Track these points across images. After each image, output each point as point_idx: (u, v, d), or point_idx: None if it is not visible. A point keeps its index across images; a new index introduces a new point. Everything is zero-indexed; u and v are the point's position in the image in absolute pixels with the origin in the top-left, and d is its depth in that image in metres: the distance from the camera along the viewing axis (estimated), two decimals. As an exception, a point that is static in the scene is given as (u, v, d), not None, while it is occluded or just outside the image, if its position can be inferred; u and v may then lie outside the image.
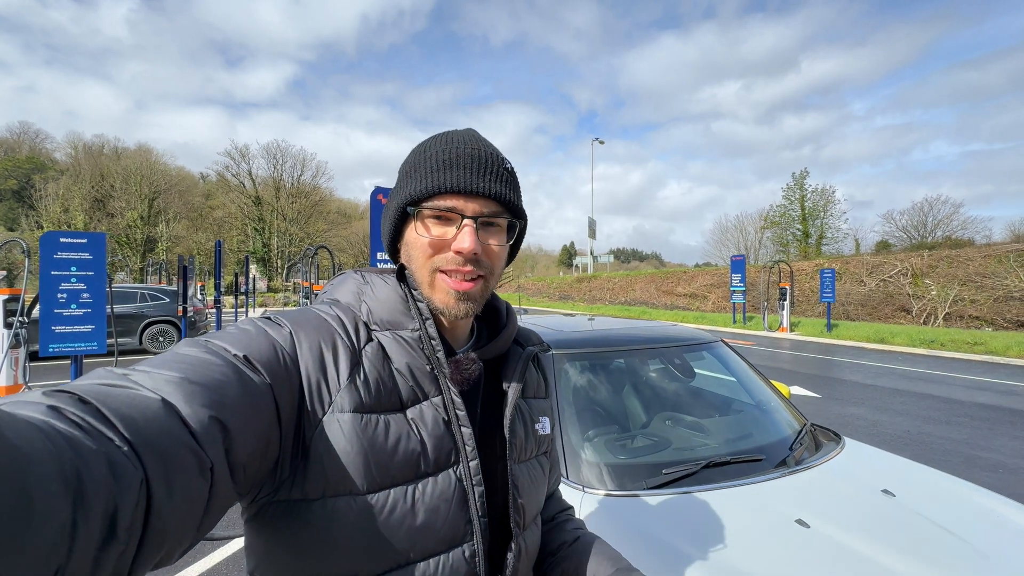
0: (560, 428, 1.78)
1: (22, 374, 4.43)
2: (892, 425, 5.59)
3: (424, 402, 0.62)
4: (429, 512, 0.59)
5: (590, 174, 42.55)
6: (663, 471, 1.66)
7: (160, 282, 24.92)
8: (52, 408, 0.35)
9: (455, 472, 0.62)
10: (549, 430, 0.79)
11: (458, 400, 0.63)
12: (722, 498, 1.52)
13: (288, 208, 47.75)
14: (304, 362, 0.56)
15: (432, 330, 0.64)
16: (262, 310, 27.93)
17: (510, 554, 0.66)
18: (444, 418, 0.62)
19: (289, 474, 0.54)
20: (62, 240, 3.66)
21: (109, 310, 4.18)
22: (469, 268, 0.63)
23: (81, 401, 0.38)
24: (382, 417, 0.58)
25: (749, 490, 1.57)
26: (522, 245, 0.76)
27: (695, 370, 2.43)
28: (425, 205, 0.64)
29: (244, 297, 23.23)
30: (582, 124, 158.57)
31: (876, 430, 5.39)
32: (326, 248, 8.44)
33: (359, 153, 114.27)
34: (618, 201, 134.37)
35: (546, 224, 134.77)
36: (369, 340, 0.63)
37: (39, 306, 3.81)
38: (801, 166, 59.51)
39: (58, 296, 3.70)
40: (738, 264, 17.96)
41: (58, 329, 3.72)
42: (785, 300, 15.56)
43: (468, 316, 0.66)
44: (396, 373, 0.62)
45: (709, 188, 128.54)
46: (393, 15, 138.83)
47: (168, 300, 11.34)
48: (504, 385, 0.72)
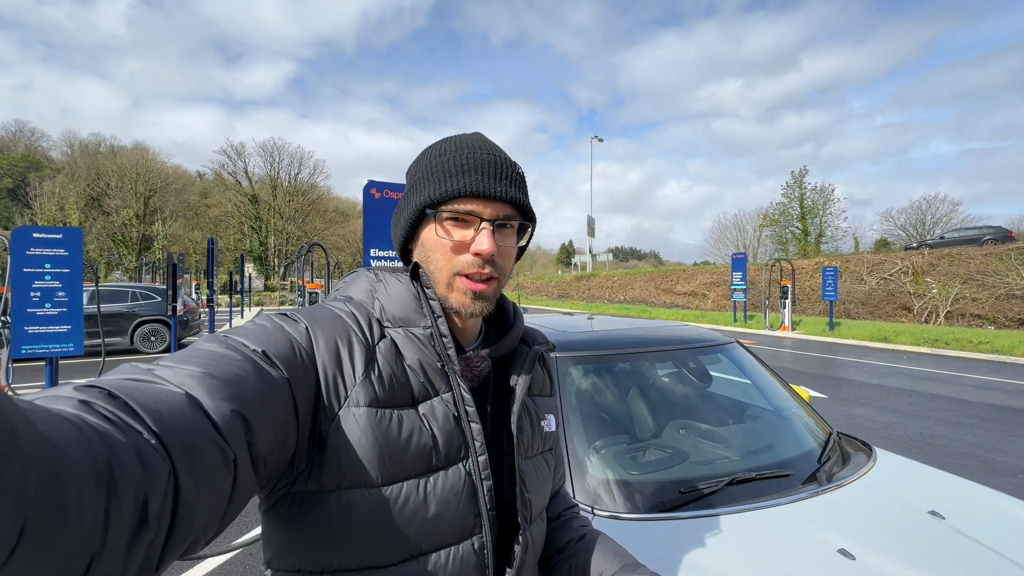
0: (564, 437, 1.61)
1: (5, 375, 4.24)
2: (903, 427, 5.42)
3: (435, 398, 0.63)
4: (441, 504, 0.60)
5: (589, 172, 42.36)
6: (681, 490, 1.48)
7: (155, 281, 24.63)
8: (83, 403, 0.36)
9: (465, 466, 0.63)
10: (554, 427, 0.81)
11: (468, 396, 0.64)
12: (751, 522, 1.34)
13: (285, 206, 47.39)
14: (321, 357, 0.57)
15: (444, 327, 0.65)
16: (258, 309, 27.76)
17: (518, 547, 0.67)
18: (454, 414, 0.63)
19: (306, 466, 0.55)
20: (35, 236, 3.46)
21: (96, 309, 4.02)
22: (487, 270, 0.65)
23: (110, 396, 0.38)
24: (395, 412, 0.60)
25: (780, 512, 1.39)
26: (528, 239, 0.77)
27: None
28: (444, 208, 0.65)
29: (240, 296, 23.02)
30: (582, 122, 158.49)
31: (887, 432, 5.22)
32: (320, 246, 8.25)
33: (358, 151, 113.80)
34: (618, 199, 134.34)
35: (545, 223, 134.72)
36: (382, 337, 0.64)
37: (10, 306, 3.62)
38: (801, 165, 59.35)
39: (31, 295, 3.50)
40: (739, 262, 17.79)
41: (31, 330, 3.52)
42: (787, 298, 15.42)
43: (482, 315, 0.68)
44: (408, 369, 0.63)
45: (709, 187, 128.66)
46: (393, 12, 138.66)
47: (160, 299, 11.10)
48: (512, 382, 0.73)
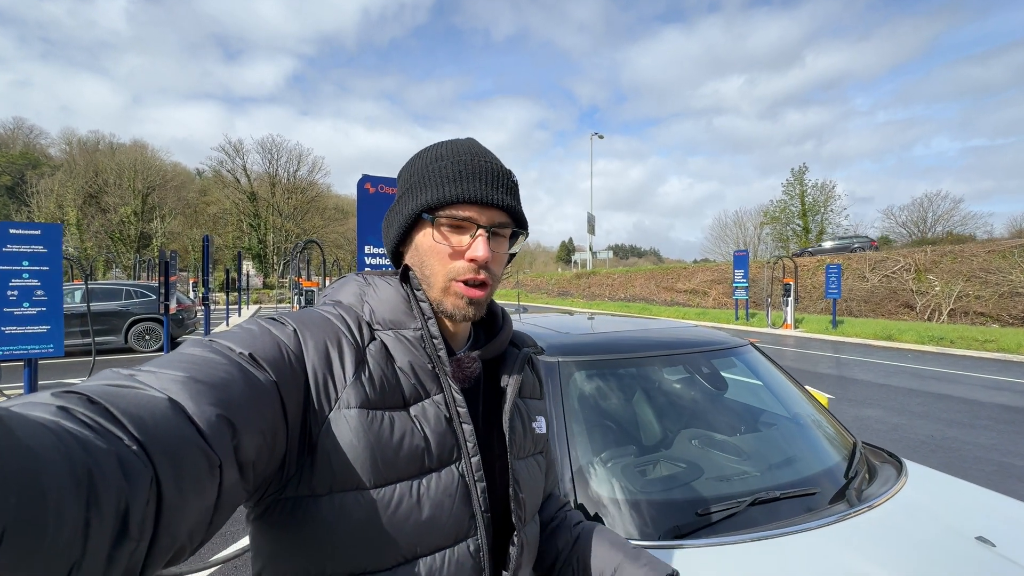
0: (568, 447, 1.47)
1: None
2: (914, 429, 5.28)
3: (426, 399, 0.63)
4: (434, 507, 0.59)
5: (589, 170, 42.15)
6: (697, 512, 1.33)
7: (154, 279, 24.45)
8: (62, 408, 0.36)
9: (458, 468, 0.62)
10: (545, 430, 0.81)
11: (459, 397, 0.64)
12: (777, 550, 1.19)
13: (284, 204, 47.16)
14: (310, 360, 0.57)
15: (434, 329, 0.65)
16: (256, 307, 27.60)
17: (512, 548, 0.67)
18: (446, 415, 0.63)
19: (296, 471, 0.54)
20: (12, 231, 3.30)
21: (86, 307, 3.89)
22: (482, 275, 0.65)
23: (90, 401, 0.38)
24: (387, 414, 0.59)
25: (809, 539, 1.24)
26: (520, 246, 0.77)
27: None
28: (441, 213, 0.65)
29: (238, 294, 22.87)
30: (583, 119, 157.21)
31: (898, 435, 5.08)
32: (316, 243, 8.09)
33: (358, 149, 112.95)
34: (618, 197, 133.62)
35: (545, 220, 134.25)
36: (372, 339, 0.63)
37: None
38: (803, 162, 59.14)
39: (8, 294, 3.34)
40: (741, 259, 17.62)
41: (8, 330, 3.36)
42: (789, 296, 15.26)
43: (474, 319, 0.68)
44: (399, 371, 0.62)
45: (710, 184, 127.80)
46: (394, 8, 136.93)
47: (155, 297, 10.96)
48: (502, 384, 0.73)
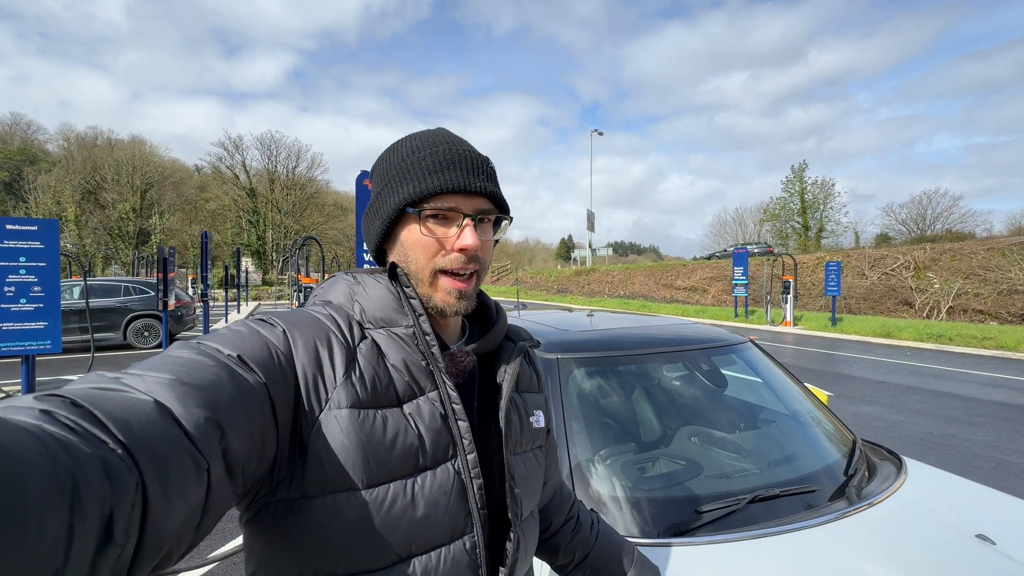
0: (567, 444, 1.46)
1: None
2: (912, 426, 5.29)
3: (420, 397, 0.62)
4: (429, 505, 0.59)
5: (589, 167, 42.07)
6: (697, 509, 1.32)
7: (152, 275, 24.40)
8: (44, 412, 0.35)
9: (453, 465, 0.62)
10: (543, 424, 0.80)
11: (454, 394, 0.63)
12: (779, 548, 1.19)
13: (283, 200, 47.02)
14: (300, 360, 0.56)
15: (426, 326, 0.65)
16: (255, 303, 27.58)
17: (509, 544, 0.66)
18: (441, 412, 0.62)
19: (287, 472, 0.54)
20: (8, 227, 3.28)
21: (85, 304, 3.86)
22: (471, 265, 0.65)
23: (74, 405, 0.37)
24: (379, 412, 0.58)
25: (809, 537, 1.24)
26: (516, 239, 0.77)
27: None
28: (426, 205, 0.64)
29: (236, 291, 22.84)
30: (584, 116, 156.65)
31: (896, 432, 5.08)
32: (315, 239, 8.08)
33: (359, 145, 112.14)
34: (619, 194, 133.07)
35: (545, 217, 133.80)
36: (363, 338, 0.63)
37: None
38: (804, 159, 58.95)
39: (5, 290, 3.33)
40: (740, 257, 17.62)
41: (5, 326, 3.35)
42: (788, 294, 15.27)
43: (465, 312, 0.68)
44: (391, 369, 0.62)
45: (711, 181, 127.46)
46: (395, 3, 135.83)
47: (153, 294, 10.95)
48: (498, 379, 0.72)
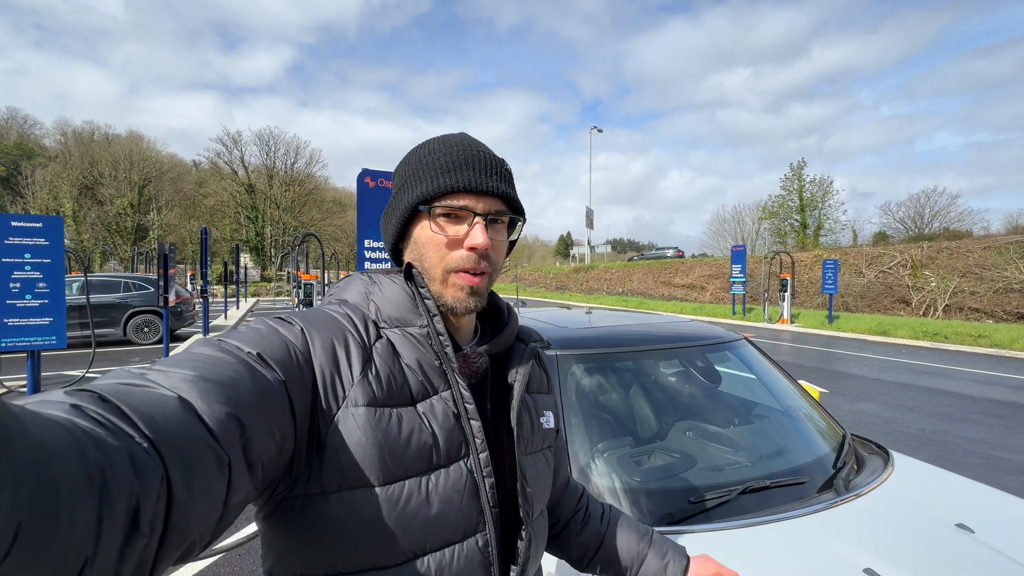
0: (565, 438, 1.51)
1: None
2: (905, 423, 5.36)
3: (434, 396, 0.63)
4: (443, 503, 0.60)
5: (589, 164, 42.01)
6: (690, 499, 1.38)
7: (151, 271, 24.37)
8: (74, 407, 0.36)
9: (466, 464, 0.63)
10: (553, 424, 0.81)
11: (467, 394, 0.64)
12: (767, 537, 1.25)
13: (281, 196, 46.95)
14: (317, 359, 0.57)
15: (440, 326, 0.66)
16: (254, 300, 27.59)
17: (521, 543, 0.67)
18: (454, 411, 0.63)
19: (305, 469, 0.55)
20: (14, 224, 3.31)
21: (86, 299, 3.90)
22: (482, 264, 0.66)
23: (102, 400, 0.38)
24: (394, 411, 0.59)
25: (797, 526, 1.30)
26: (520, 237, 0.77)
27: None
28: (437, 204, 0.65)
29: (235, 287, 22.84)
30: (585, 112, 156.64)
31: (889, 428, 5.16)
32: (314, 236, 8.11)
33: (358, 141, 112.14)
34: (619, 191, 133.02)
35: (544, 214, 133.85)
36: (379, 337, 0.64)
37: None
38: (805, 157, 59.00)
39: (11, 286, 3.36)
40: (739, 255, 17.69)
41: (11, 322, 3.39)
42: (786, 291, 15.35)
43: (476, 310, 0.69)
44: (406, 368, 0.63)
45: (711, 178, 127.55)
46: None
47: (153, 289, 10.98)
48: (510, 379, 0.73)
